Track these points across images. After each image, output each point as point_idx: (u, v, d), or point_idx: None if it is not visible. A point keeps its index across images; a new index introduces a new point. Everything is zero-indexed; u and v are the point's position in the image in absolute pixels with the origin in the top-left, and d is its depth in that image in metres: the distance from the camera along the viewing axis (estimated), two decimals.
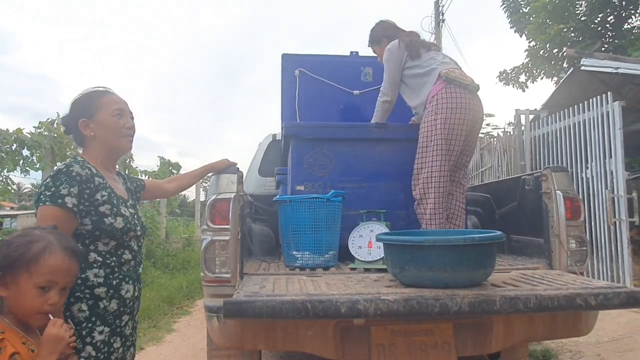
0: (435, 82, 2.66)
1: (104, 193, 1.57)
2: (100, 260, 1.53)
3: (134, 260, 1.66)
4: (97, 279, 1.51)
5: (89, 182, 1.54)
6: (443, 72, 2.63)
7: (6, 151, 5.20)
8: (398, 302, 1.61)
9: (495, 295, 1.65)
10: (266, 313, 1.57)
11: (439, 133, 2.54)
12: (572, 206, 2.29)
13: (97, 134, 1.64)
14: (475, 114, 2.62)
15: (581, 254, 2.28)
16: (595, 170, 5.47)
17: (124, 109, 1.70)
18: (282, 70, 3.59)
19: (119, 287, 1.57)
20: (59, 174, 1.50)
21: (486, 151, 7.74)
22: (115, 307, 1.55)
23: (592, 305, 1.66)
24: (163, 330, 4.66)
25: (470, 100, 2.60)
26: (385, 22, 3.10)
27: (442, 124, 2.54)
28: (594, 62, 6.23)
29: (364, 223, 2.41)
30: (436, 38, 12.97)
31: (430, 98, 2.64)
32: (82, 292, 1.48)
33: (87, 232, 1.52)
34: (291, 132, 2.76)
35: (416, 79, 2.78)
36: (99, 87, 1.73)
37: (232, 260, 2.05)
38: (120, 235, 1.58)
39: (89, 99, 1.68)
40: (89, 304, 1.49)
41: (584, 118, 5.66)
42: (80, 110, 1.66)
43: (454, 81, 2.59)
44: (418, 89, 2.77)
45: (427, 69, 2.74)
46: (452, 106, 2.55)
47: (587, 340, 3.94)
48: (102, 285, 1.52)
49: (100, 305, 1.51)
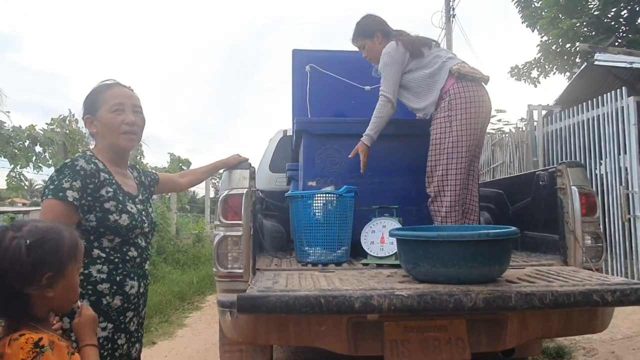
0: (447, 79, 2.60)
1: (109, 189, 1.55)
2: (103, 257, 1.52)
3: (140, 257, 1.64)
4: (100, 274, 1.50)
5: (93, 177, 1.51)
6: (454, 67, 2.58)
7: (19, 147, 5.25)
8: (412, 297, 1.60)
9: (511, 291, 1.63)
10: (280, 308, 1.57)
11: (455, 129, 2.51)
12: (588, 202, 2.26)
13: (99, 131, 1.63)
14: (488, 108, 2.60)
15: (597, 250, 2.25)
16: (609, 167, 5.41)
17: (124, 103, 1.63)
18: (293, 66, 3.58)
19: (122, 283, 1.55)
20: (64, 167, 1.49)
21: (498, 147, 7.68)
22: (119, 303, 1.54)
23: (609, 301, 1.64)
24: (175, 325, 4.70)
25: (482, 93, 2.57)
26: (377, 16, 2.92)
27: (458, 120, 2.50)
28: (607, 56, 6.15)
29: (377, 219, 2.40)
30: (447, 33, 12.88)
31: (443, 94, 2.60)
32: (85, 288, 1.46)
33: (91, 229, 1.50)
34: (302, 127, 2.75)
35: (424, 80, 2.67)
36: (105, 81, 1.69)
37: (244, 256, 2.05)
38: (125, 232, 1.56)
39: (94, 94, 1.66)
40: (92, 300, 1.47)
41: (597, 113, 5.59)
42: (86, 107, 1.65)
43: (466, 76, 2.55)
44: (427, 90, 2.67)
45: (435, 67, 2.65)
46: (467, 101, 2.51)
47: (601, 337, 3.90)
48: (105, 281, 1.51)
49: (103, 301, 1.49)
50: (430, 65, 2.68)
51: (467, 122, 2.51)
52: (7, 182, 5.28)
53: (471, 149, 2.56)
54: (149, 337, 4.16)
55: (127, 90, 1.69)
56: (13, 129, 5.18)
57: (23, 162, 5.27)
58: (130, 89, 1.71)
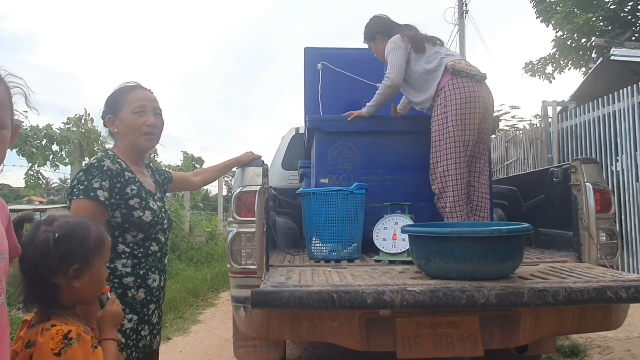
0: (443, 75, 2.64)
1: (133, 187, 1.61)
2: (128, 252, 1.57)
3: (161, 252, 1.70)
4: (125, 269, 1.56)
5: (119, 177, 1.58)
6: (449, 64, 2.62)
7: (37, 147, 5.35)
8: (424, 293, 1.61)
9: (524, 287, 1.63)
10: (293, 304, 1.59)
11: (451, 126, 2.53)
12: (603, 199, 2.24)
13: (120, 131, 1.68)
14: (485, 103, 2.60)
15: (612, 248, 2.23)
16: (625, 163, 5.33)
17: (146, 105, 1.69)
18: (305, 64, 3.59)
19: (146, 277, 1.61)
20: (91, 168, 1.54)
21: (512, 144, 7.60)
22: (143, 296, 1.59)
23: (624, 298, 1.63)
24: (189, 321, 4.76)
25: (478, 89, 2.58)
26: (380, 17, 3.02)
27: (453, 116, 2.53)
28: (624, 52, 6.07)
29: (389, 216, 2.41)
30: (460, 30, 12.79)
31: (439, 91, 2.63)
32: (111, 281, 1.52)
33: (116, 225, 1.56)
34: (315, 125, 2.77)
35: (423, 75, 2.73)
36: (129, 83, 1.75)
37: (258, 252, 2.07)
38: (148, 228, 1.62)
39: (117, 96, 1.71)
40: (118, 293, 1.52)
41: (614, 109, 5.51)
42: (108, 107, 1.71)
43: (461, 72, 2.58)
44: (425, 85, 2.72)
45: (435, 64, 2.69)
46: (462, 97, 2.53)
47: (617, 335, 3.86)
48: (130, 275, 1.56)
49: (128, 294, 1.55)
50: (430, 61, 2.74)
51: (462, 119, 2.53)
52: (26, 181, 5.38)
53: (470, 145, 2.57)
54: (164, 333, 4.20)
55: (149, 93, 1.75)
56: (31, 128, 5.28)
57: (41, 161, 5.37)
58: (151, 92, 1.77)
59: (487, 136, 2.75)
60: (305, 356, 3.62)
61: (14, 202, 31.91)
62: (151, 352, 1.67)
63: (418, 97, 2.79)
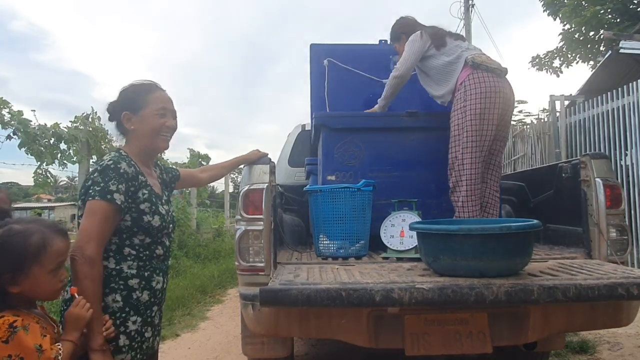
0: (462, 69, 2.62)
1: (144, 191, 1.60)
2: (134, 254, 1.56)
3: (164, 255, 1.70)
4: (131, 270, 1.55)
5: (134, 180, 1.56)
6: (469, 57, 2.60)
7: (45, 145, 5.38)
8: (433, 290, 1.60)
9: (533, 284, 1.62)
10: (301, 301, 1.59)
11: (469, 120, 2.51)
12: (613, 194, 2.22)
13: (137, 129, 1.65)
14: (506, 98, 2.57)
15: (622, 243, 2.21)
16: (635, 157, 5.28)
17: (167, 107, 1.70)
18: (311, 60, 3.58)
19: (150, 279, 1.60)
20: (107, 170, 1.51)
21: (519, 139, 7.55)
22: (147, 298, 1.59)
23: (635, 294, 1.61)
24: (197, 318, 4.78)
25: (499, 84, 2.55)
26: (405, 19, 3.05)
27: (472, 110, 2.50)
28: (633, 44, 6.00)
29: (396, 212, 2.40)
30: (465, 24, 12.69)
31: (458, 85, 2.61)
32: (117, 283, 1.51)
33: (125, 228, 1.55)
34: (321, 122, 2.76)
35: (443, 67, 2.73)
36: (145, 81, 1.73)
37: (265, 250, 2.07)
38: (156, 232, 1.62)
39: (137, 93, 1.68)
40: (123, 294, 1.52)
41: (623, 103, 5.45)
42: (126, 103, 1.67)
43: (481, 66, 2.55)
44: (445, 77, 2.73)
45: (454, 56, 2.69)
46: (482, 91, 2.50)
47: (627, 331, 3.83)
48: (135, 276, 1.56)
49: (133, 295, 1.54)
50: (449, 54, 2.74)
51: (482, 113, 2.50)
52: (34, 179, 5.41)
53: (487, 140, 2.55)
54: (172, 330, 4.25)
55: (168, 95, 1.74)
56: (39, 127, 5.31)
57: (49, 159, 5.40)
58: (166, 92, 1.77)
59: (506, 132, 2.73)
60: (312, 352, 3.63)
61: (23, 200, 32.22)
62: (152, 352, 1.67)
63: (439, 90, 2.79)
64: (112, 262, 1.52)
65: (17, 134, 5.01)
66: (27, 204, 31.25)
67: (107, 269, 1.50)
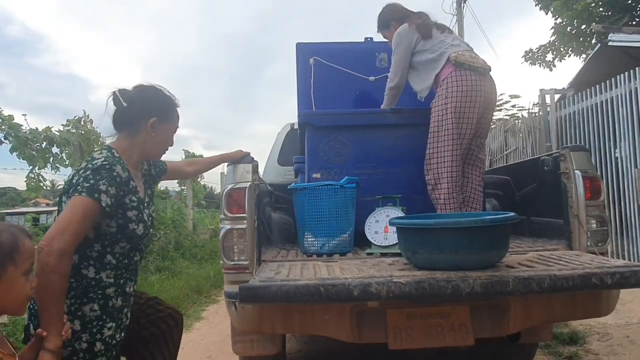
0: (444, 66, 2.63)
1: (133, 198, 1.61)
2: (113, 263, 1.57)
3: (140, 260, 1.72)
4: (109, 279, 1.56)
5: (125, 185, 1.56)
6: (452, 55, 2.60)
7: (36, 149, 5.40)
8: (410, 284, 1.62)
9: (509, 276, 1.64)
10: (280, 297, 1.61)
11: (450, 118, 2.53)
12: (592, 186, 2.24)
13: (155, 137, 1.68)
14: (487, 97, 2.60)
15: (602, 234, 2.24)
16: (624, 149, 5.31)
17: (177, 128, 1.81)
18: (297, 59, 3.59)
19: (124, 285, 1.63)
20: (101, 169, 1.49)
21: (510, 133, 7.58)
22: (120, 303, 1.61)
23: (609, 284, 1.63)
24: (192, 318, 4.80)
25: (480, 82, 2.57)
26: (393, 5, 3.05)
27: (452, 108, 2.53)
28: (622, 37, 6.04)
29: (380, 208, 2.42)
30: (458, 19, 12.71)
31: (440, 82, 2.63)
32: (95, 292, 1.52)
33: (109, 234, 1.54)
34: (306, 120, 2.78)
35: (426, 64, 2.75)
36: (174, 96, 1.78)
37: (249, 248, 2.10)
38: (137, 240, 1.63)
39: (168, 104, 1.73)
40: (100, 303, 1.53)
41: (611, 95, 5.48)
42: (156, 109, 1.68)
43: (464, 64, 2.57)
44: (427, 73, 2.74)
45: (437, 53, 2.70)
46: (462, 90, 2.53)
47: (616, 322, 3.87)
48: (113, 285, 1.57)
49: (109, 303, 1.56)
50: (434, 50, 2.74)
51: (462, 111, 2.53)
52: (27, 183, 5.43)
53: (467, 137, 2.58)
54: None
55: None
56: (30, 131, 5.32)
57: (41, 164, 5.42)
58: None
59: (486, 129, 2.76)
60: (305, 349, 3.66)
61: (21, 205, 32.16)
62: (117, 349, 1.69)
63: (419, 84, 2.82)
64: (92, 271, 1.52)
65: (9, 138, 5.02)
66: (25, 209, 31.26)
67: (87, 278, 1.50)
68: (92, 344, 1.49)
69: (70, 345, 1.44)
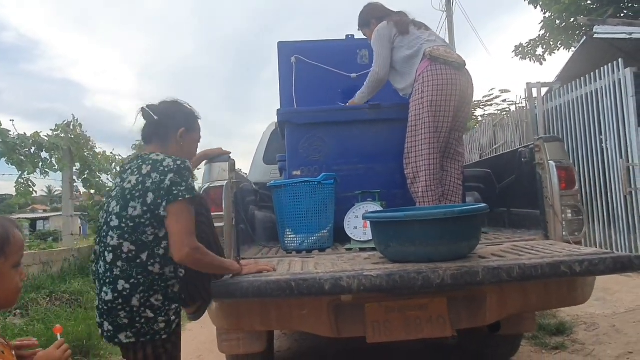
0: (421, 61, 2.66)
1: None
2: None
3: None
4: (171, 274, 1.62)
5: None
6: (427, 50, 2.63)
7: (25, 154, 5.39)
8: (381, 277, 1.64)
9: (479, 266, 1.66)
10: (252, 293, 1.63)
11: (427, 112, 2.55)
12: (567, 176, 2.27)
13: (183, 146, 1.80)
14: (463, 90, 2.62)
15: (578, 223, 2.26)
16: (609, 140, 5.35)
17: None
18: (279, 58, 3.61)
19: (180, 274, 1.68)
20: (184, 170, 1.60)
21: (499, 127, 7.61)
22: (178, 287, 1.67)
23: (578, 272, 1.66)
24: (184, 319, 4.79)
25: (456, 76, 2.59)
26: (374, 4, 3.08)
27: (428, 102, 2.55)
28: (607, 29, 6.06)
29: (360, 204, 2.44)
30: (448, 16, 12.74)
31: (417, 77, 2.65)
32: (159, 285, 1.59)
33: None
34: (285, 118, 2.80)
35: (405, 61, 2.77)
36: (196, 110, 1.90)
37: (227, 246, 2.11)
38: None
39: (193, 116, 1.87)
40: (163, 292, 1.60)
41: (595, 87, 5.52)
42: (184, 120, 1.81)
43: (438, 59, 2.59)
44: (407, 70, 2.76)
45: (414, 49, 2.73)
46: (438, 84, 2.55)
47: (604, 312, 3.90)
48: (173, 278, 1.63)
49: (169, 291, 1.62)
50: (410, 46, 2.77)
51: (438, 105, 2.55)
52: (16, 189, 5.43)
53: (444, 131, 2.60)
54: None
55: None
56: (18, 136, 5.32)
57: (30, 169, 5.41)
58: None
59: (464, 123, 2.78)
60: (295, 347, 3.67)
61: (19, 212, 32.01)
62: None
63: (401, 82, 2.84)
64: (157, 268, 1.57)
65: None
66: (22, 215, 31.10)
67: (152, 274, 1.56)
68: (167, 322, 1.59)
69: (151, 330, 1.56)
